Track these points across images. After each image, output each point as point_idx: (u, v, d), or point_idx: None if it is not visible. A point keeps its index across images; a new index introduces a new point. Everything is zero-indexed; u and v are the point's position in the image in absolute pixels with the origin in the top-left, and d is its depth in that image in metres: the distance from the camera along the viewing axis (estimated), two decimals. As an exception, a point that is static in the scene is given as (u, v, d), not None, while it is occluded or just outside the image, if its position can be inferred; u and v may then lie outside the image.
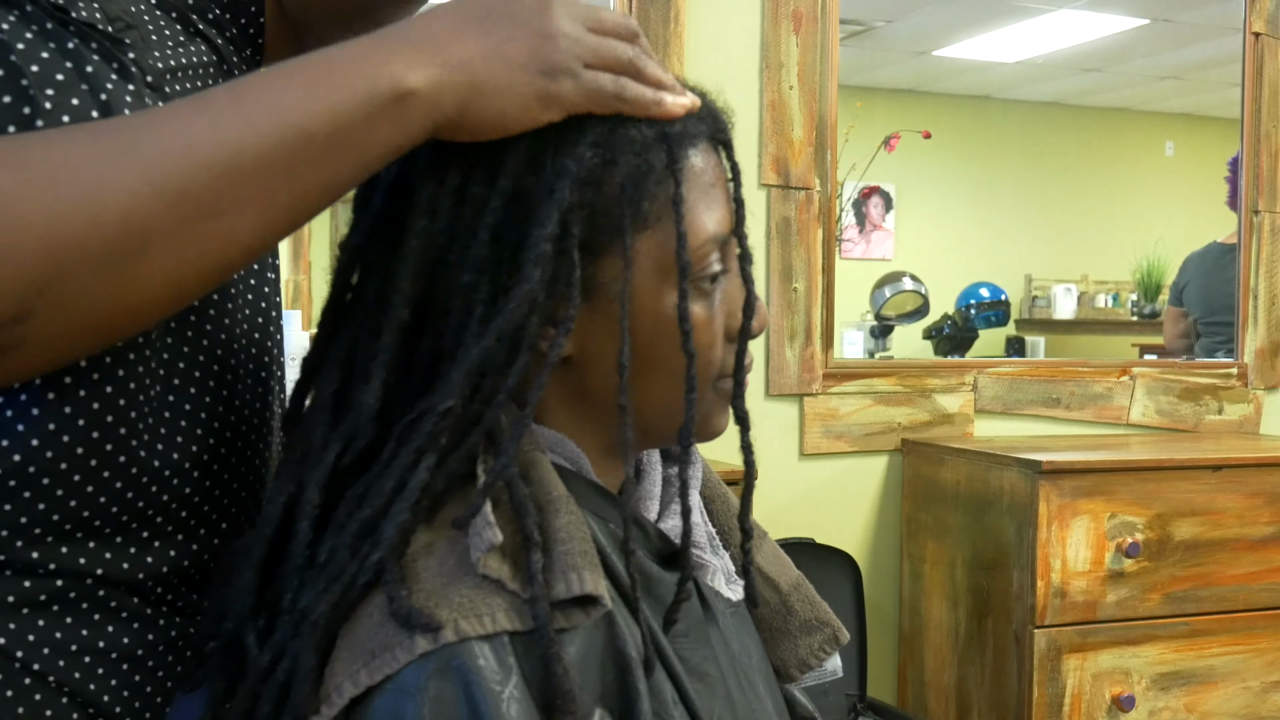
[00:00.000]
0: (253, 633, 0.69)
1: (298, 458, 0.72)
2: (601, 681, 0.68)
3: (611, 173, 0.70)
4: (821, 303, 2.21)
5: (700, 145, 0.75)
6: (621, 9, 2.08)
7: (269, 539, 0.70)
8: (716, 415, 0.79)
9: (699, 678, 0.75)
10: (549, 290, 0.69)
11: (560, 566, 0.67)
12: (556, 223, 0.68)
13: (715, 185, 0.76)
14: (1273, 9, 2.54)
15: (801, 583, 0.90)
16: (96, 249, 0.57)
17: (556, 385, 0.75)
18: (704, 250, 0.74)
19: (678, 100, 0.72)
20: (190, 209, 0.59)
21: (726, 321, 0.77)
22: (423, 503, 0.68)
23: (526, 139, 0.69)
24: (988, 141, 4.11)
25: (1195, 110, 4.39)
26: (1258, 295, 2.57)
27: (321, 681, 0.65)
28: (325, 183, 0.64)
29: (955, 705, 2.12)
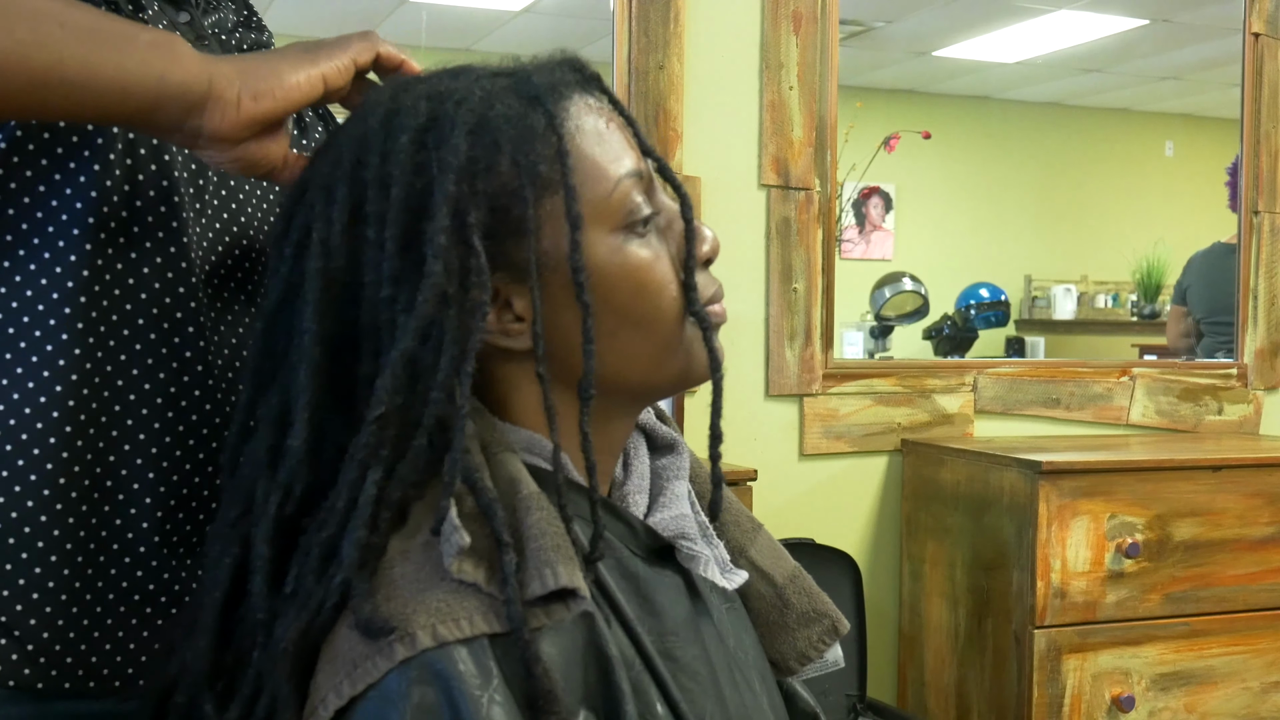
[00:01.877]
0: (209, 700, 0.69)
1: (234, 519, 0.72)
2: (584, 682, 0.68)
3: (497, 154, 0.71)
4: (821, 303, 2.21)
5: (573, 95, 0.75)
6: (622, 9, 2.08)
7: (220, 603, 0.70)
8: (696, 353, 0.77)
9: (689, 676, 0.74)
10: (462, 281, 0.69)
11: (534, 563, 0.67)
12: (447, 214, 0.68)
13: (608, 126, 0.76)
14: (1273, 9, 2.54)
15: (798, 574, 0.89)
16: None
17: (527, 379, 0.75)
18: (622, 190, 0.74)
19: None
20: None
21: (678, 252, 0.77)
22: (381, 515, 0.68)
23: (407, 149, 0.70)
24: (988, 142, 4.11)
25: (1195, 110, 4.39)
26: (1257, 295, 2.57)
27: (303, 705, 0.66)
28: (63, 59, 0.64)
29: (955, 705, 2.12)
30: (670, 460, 0.84)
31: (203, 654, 0.70)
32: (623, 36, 2.07)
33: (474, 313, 0.69)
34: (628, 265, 0.74)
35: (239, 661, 0.69)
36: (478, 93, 0.72)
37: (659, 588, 0.76)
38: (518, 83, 0.74)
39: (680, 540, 0.78)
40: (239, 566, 0.70)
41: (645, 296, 0.74)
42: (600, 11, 2.16)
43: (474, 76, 0.74)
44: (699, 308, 0.76)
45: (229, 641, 0.70)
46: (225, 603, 0.70)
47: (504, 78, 0.74)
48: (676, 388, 0.79)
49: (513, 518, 0.69)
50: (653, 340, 0.75)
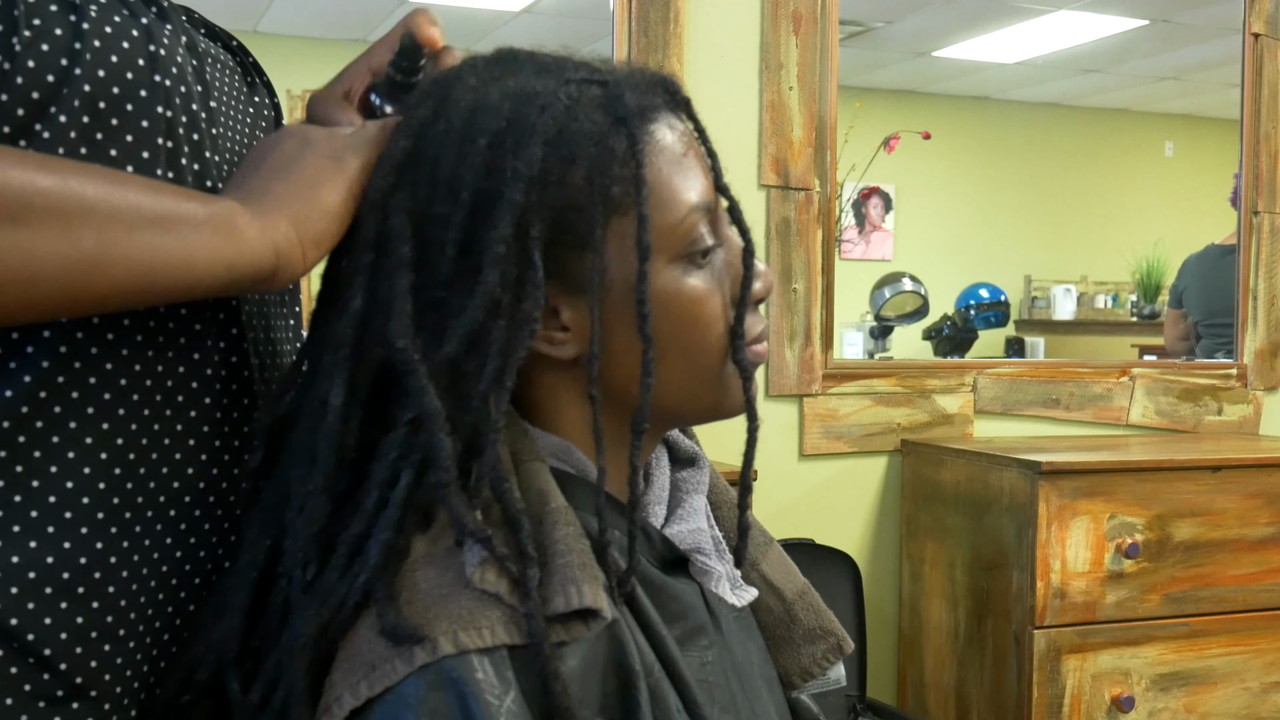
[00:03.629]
0: (235, 677, 0.69)
1: (274, 503, 0.71)
2: (602, 693, 0.68)
3: (572, 168, 0.70)
4: (821, 303, 2.21)
5: (660, 118, 0.74)
6: (622, 9, 2.08)
7: (254, 583, 0.70)
8: (732, 391, 0.77)
9: (702, 685, 0.74)
10: (516, 292, 0.69)
11: (559, 579, 0.66)
12: (510, 223, 0.68)
13: (687, 154, 0.75)
14: (1272, 9, 2.54)
15: (807, 591, 0.90)
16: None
17: (569, 388, 0.75)
18: (690, 222, 0.73)
19: None
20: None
21: (733, 288, 0.76)
22: (408, 519, 0.68)
23: (483, 152, 0.69)
24: (988, 142, 4.12)
25: (1195, 110, 4.39)
26: (1257, 296, 2.57)
27: (318, 700, 0.65)
28: (137, 259, 0.62)
29: (955, 706, 2.12)
30: (690, 474, 0.84)
31: (233, 633, 0.69)
32: (623, 36, 2.07)
33: (523, 325, 0.69)
34: (682, 296, 0.73)
35: (263, 645, 0.69)
36: (564, 100, 0.70)
37: (678, 593, 0.76)
38: (608, 98, 0.72)
39: (695, 554, 0.79)
40: (274, 551, 0.70)
41: (694, 329, 0.74)
42: (600, 11, 2.16)
43: (564, 78, 0.72)
44: (743, 356, 0.75)
45: (257, 623, 0.70)
46: (258, 584, 0.70)
47: (595, 86, 0.72)
48: (705, 419, 0.79)
49: (539, 530, 0.68)
50: (692, 372, 0.74)
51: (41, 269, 0.59)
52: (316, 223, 0.69)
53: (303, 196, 0.70)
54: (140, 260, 0.62)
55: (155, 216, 0.63)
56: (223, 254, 0.65)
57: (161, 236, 0.63)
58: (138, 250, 0.62)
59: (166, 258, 0.63)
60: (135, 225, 0.62)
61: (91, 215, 0.61)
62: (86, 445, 0.69)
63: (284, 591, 0.69)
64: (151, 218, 0.63)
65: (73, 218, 0.60)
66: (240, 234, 0.66)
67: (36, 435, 0.67)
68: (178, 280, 0.64)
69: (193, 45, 0.77)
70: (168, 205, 0.64)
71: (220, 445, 0.76)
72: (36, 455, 0.67)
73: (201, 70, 0.77)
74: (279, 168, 0.71)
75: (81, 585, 0.68)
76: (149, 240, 0.62)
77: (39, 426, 0.67)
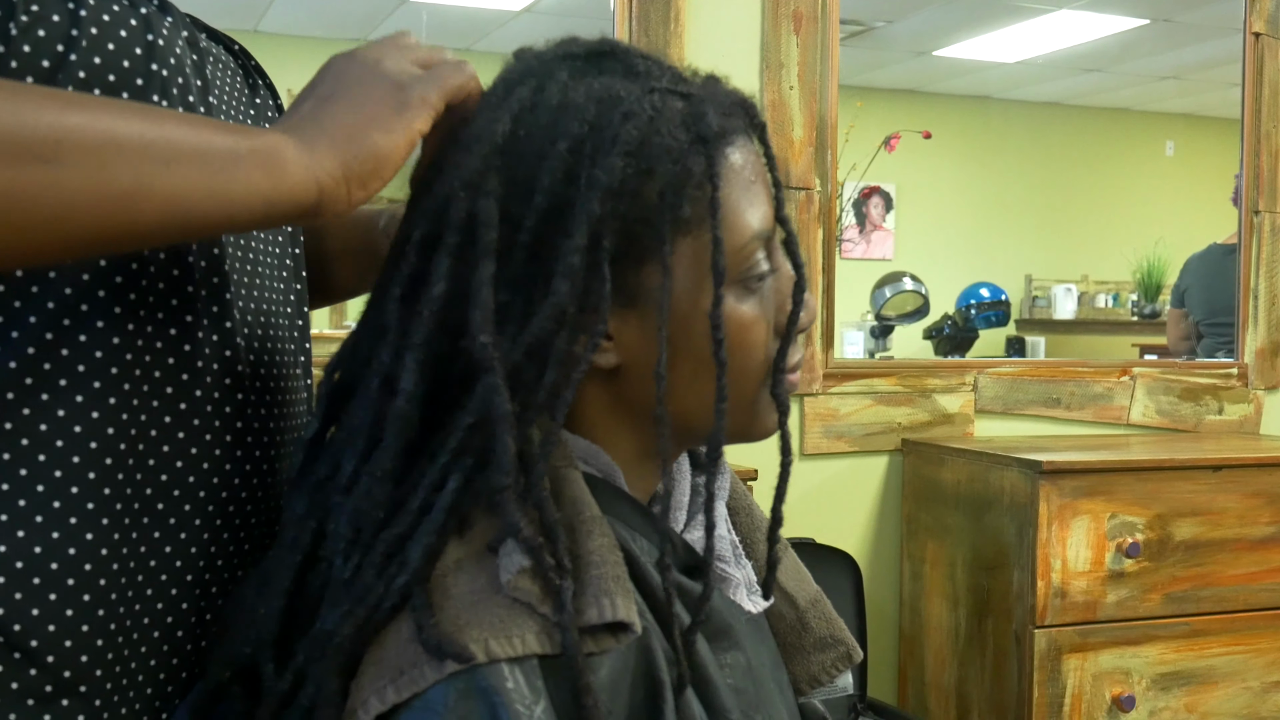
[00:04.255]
0: (269, 660, 0.68)
1: (321, 479, 0.71)
2: (630, 704, 0.68)
3: (648, 182, 0.69)
4: (822, 303, 2.21)
5: (737, 141, 0.74)
6: (622, 9, 2.08)
7: (298, 565, 0.69)
8: (768, 413, 0.77)
9: (728, 689, 0.74)
10: (580, 303, 0.68)
11: (593, 591, 0.66)
12: (585, 234, 0.67)
13: (756, 180, 0.75)
14: (1273, 9, 2.54)
15: (820, 599, 0.90)
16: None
17: (600, 394, 0.74)
18: (750, 249, 0.73)
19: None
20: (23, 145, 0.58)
21: (777, 315, 0.76)
22: (450, 524, 0.67)
23: (563, 156, 0.68)
24: (988, 141, 4.12)
25: (1195, 110, 4.40)
26: (1258, 295, 2.57)
27: (345, 701, 0.65)
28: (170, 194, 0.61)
29: (955, 705, 2.12)
30: (711, 481, 0.84)
31: (273, 614, 0.69)
32: (623, 36, 2.07)
33: (587, 339, 0.69)
34: (732, 320, 0.73)
35: (296, 629, 0.68)
36: (648, 110, 0.70)
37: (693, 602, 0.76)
38: (691, 113, 0.71)
39: (715, 561, 0.78)
40: (319, 531, 0.69)
41: (738, 354, 0.73)
42: (600, 11, 2.16)
43: (649, 85, 0.71)
44: (782, 389, 0.75)
45: (297, 604, 0.69)
46: (302, 565, 0.69)
47: (679, 99, 0.72)
48: (733, 441, 0.79)
49: (573, 540, 0.68)
50: (729, 395, 0.74)
51: (75, 207, 0.59)
52: (365, 164, 0.67)
53: (355, 134, 0.68)
54: (176, 195, 0.61)
55: (192, 151, 0.62)
56: (261, 188, 0.64)
57: (198, 171, 0.62)
58: (173, 185, 0.61)
59: (205, 193, 0.62)
60: (171, 160, 0.61)
61: (125, 151, 0.60)
62: (75, 433, 0.68)
63: (323, 575, 0.68)
64: (189, 152, 0.62)
65: (106, 154, 0.59)
66: (283, 169, 0.64)
67: (24, 421, 0.67)
68: (214, 215, 0.63)
69: (193, 41, 0.77)
70: (206, 139, 0.63)
71: (212, 440, 0.75)
72: (24, 442, 0.67)
73: (202, 65, 0.77)
74: (339, 95, 0.69)
75: (71, 577, 0.68)
76: (185, 175, 0.61)
77: (25, 414, 0.67)
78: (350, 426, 0.71)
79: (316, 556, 0.69)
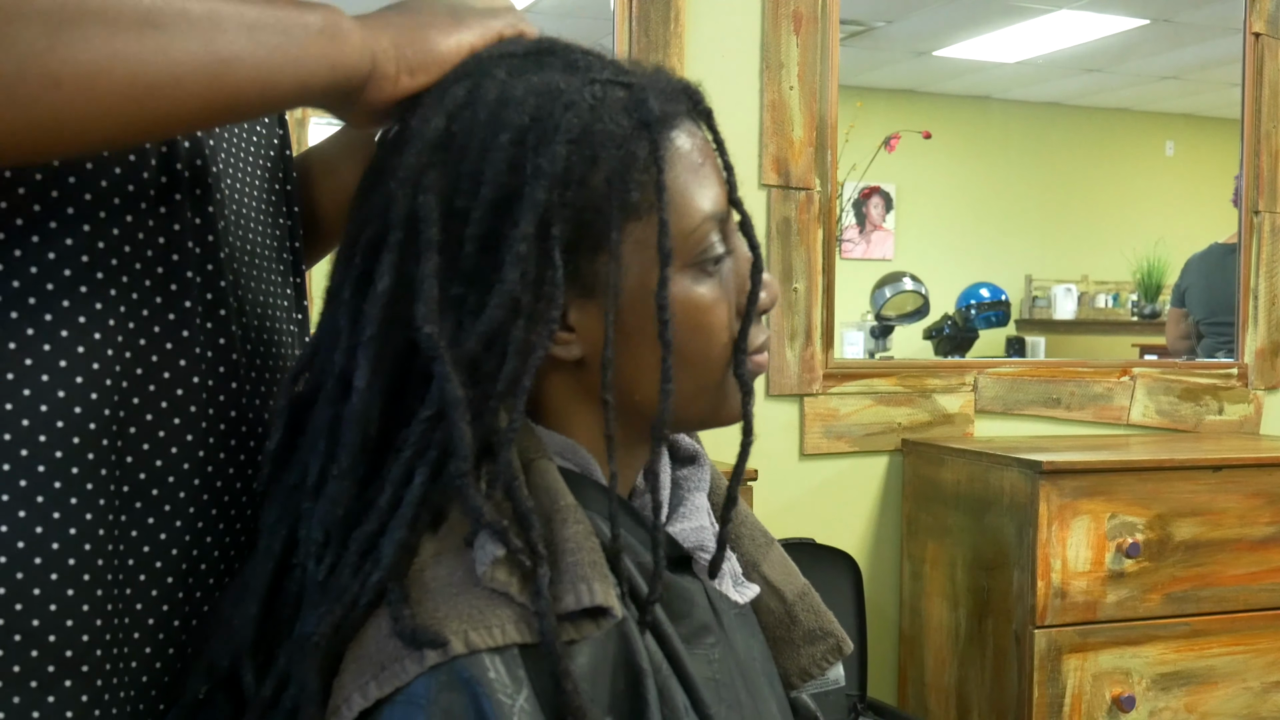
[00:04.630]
0: (250, 669, 0.68)
1: (293, 484, 0.71)
2: (611, 691, 0.68)
3: (594, 170, 0.70)
4: (822, 303, 2.21)
5: (682, 124, 0.74)
6: (622, 9, 2.08)
7: (272, 573, 0.70)
8: (735, 396, 0.77)
9: (708, 683, 0.74)
10: (534, 292, 0.68)
11: (570, 577, 0.66)
12: (533, 222, 0.67)
13: (704, 163, 0.75)
14: (1273, 9, 2.54)
15: (807, 591, 0.89)
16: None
17: (569, 387, 0.74)
18: (703, 230, 0.73)
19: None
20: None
21: (738, 298, 0.76)
22: (421, 518, 0.67)
23: (506, 148, 0.68)
24: (988, 141, 4.12)
25: (1195, 110, 4.40)
26: (1258, 295, 2.57)
27: (328, 700, 0.65)
28: (256, 65, 0.66)
29: (955, 705, 2.12)
30: (691, 471, 0.84)
31: (250, 621, 0.69)
32: (623, 36, 2.07)
33: (542, 327, 0.69)
34: (690, 304, 0.73)
35: (276, 636, 0.69)
36: (589, 99, 0.70)
37: (684, 592, 0.76)
38: (634, 101, 0.72)
39: (699, 552, 0.79)
40: (290, 538, 0.70)
41: (699, 337, 0.74)
42: (600, 11, 2.16)
43: (589, 77, 0.72)
44: (744, 370, 0.75)
45: (273, 611, 0.69)
46: (276, 572, 0.70)
47: (620, 88, 0.72)
48: (700, 427, 0.79)
49: (548, 528, 0.68)
50: (693, 379, 0.74)
51: (182, 71, 0.63)
52: (418, 53, 0.72)
53: (412, 28, 0.73)
54: (263, 60, 0.66)
55: (274, 21, 0.67)
56: (328, 53, 0.69)
57: (280, 38, 0.67)
58: (262, 50, 0.66)
59: (284, 57, 0.67)
60: (256, 28, 0.66)
61: (222, 21, 0.65)
62: (75, 415, 0.69)
63: (298, 581, 0.69)
64: (271, 22, 0.67)
65: (207, 23, 0.64)
66: (345, 37, 0.69)
67: (24, 403, 0.67)
68: (292, 79, 0.68)
69: None
70: (283, 12, 0.68)
71: (207, 426, 0.76)
72: (25, 423, 0.67)
73: None
74: (403, 7, 0.75)
75: (72, 557, 0.68)
76: (269, 40, 0.67)
77: (26, 395, 0.67)
78: (313, 431, 0.71)
79: (291, 563, 0.70)
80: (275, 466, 0.73)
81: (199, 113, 0.66)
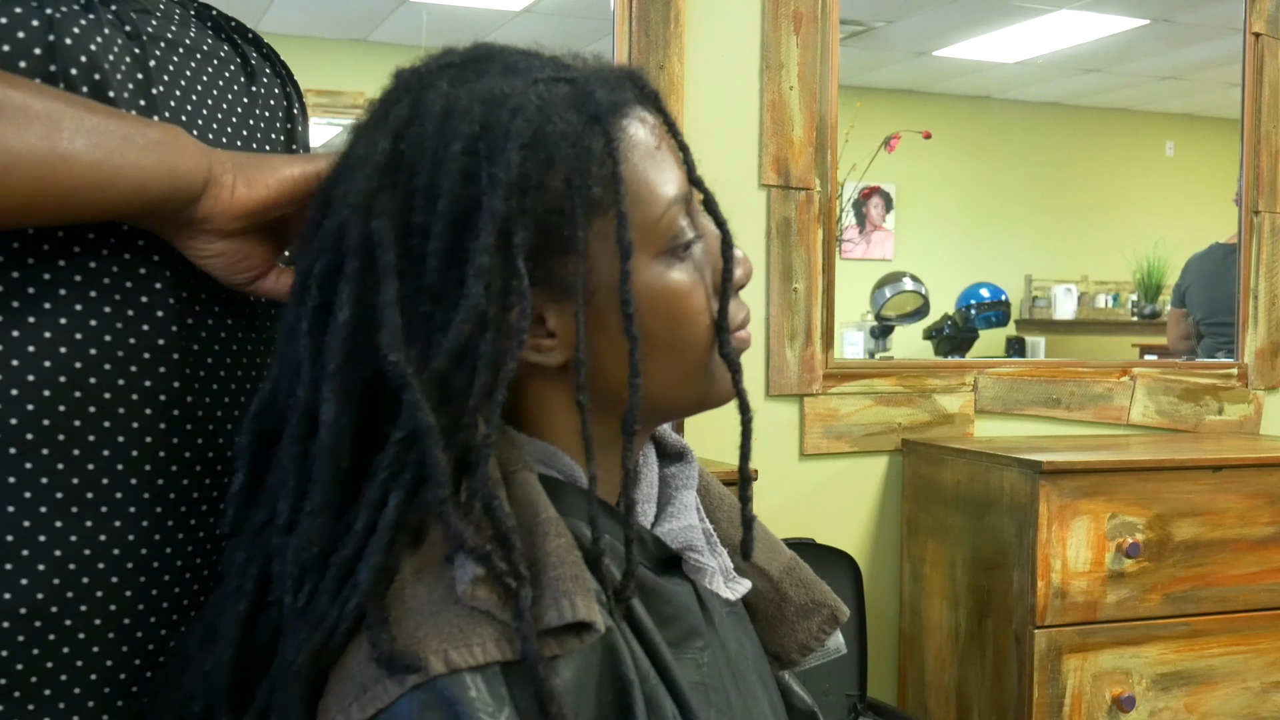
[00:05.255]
0: (226, 712, 0.68)
1: (259, 525, 0.70)
2: (598, 703, 0.68)
3: (550, 171, 0.69)
4: (822, 303, 2.21)
5: (631, 112, 0.73)
6: (622, 9, 2.08)
7: (245, 615, 0.69)
8: (723, 376, 0.77)
9: (697, 688, 0.74)
10: (501, 302, 0.68)
11: (552, 593, 0.66)
12: (492, 233, 0.66)
13: (660, 146, 0.74)
14: (1273, 9, 2.54)
15: (794, 566, 0.89)
16: None
17: (551, 393, 0.74)
18: (669, 216, 0.73)
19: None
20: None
21: (713, 278, 0.76)
22: (398, 541, 0.67)
23: (458, 158, 0.68)
24: (988, 142, 4.11)
25: (1195, 110, 4.39)
26: (1258, 295, 2.57)
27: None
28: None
29: (955, 705, 2.12)
30: (679, 469, 0.84)
31: (224, 666, 0.69)
32: (623, 36, 2.07)
33: (511, 337, 0.68)
34: (666, 291, 0.73)
35: (252, 673, 0.68)
36: (534, 101, 0.69)
37: (671, 596, 0.76)
38: (578, 95, 0.71)
39: (688, 552, 0.78)
40: (262, 577, 0.69)
41: (680, 323, 0.74)
42: (600, 11, 2.16)
43: (531, 78, 0.71)
44: (729, 349, 0.75)
45: (248, 651, 0.69)
46: (249, 612, 0.69)
47: (564, 84, 0.71)
48: (695, 410, 0.79)
49: (530, 543, 0.68)
50: (680, 365, 0.74)
51: (12, 160, 0.64)
52: (258, 169, 0.73)
53: (254, 155, 0.75)
54: (100, 160, 0.67)
55: (115, 127, 0.69)
56: (167, 158, 0.70)
57: (119, 142, 0.68)
58: (99, 152, 0.67)
59: (122, 160, 0.68)
60: (96, 131, 0.68)
61: (59, 119, 0.66)
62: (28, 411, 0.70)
63: (274, 619, 0.68)
64: (113, 128, 0.68)
65: (43, 118, 0.66)
66: (183, 147, 0.71)
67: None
68: (130, 181, 0.69)
69: (137, 34, 0.78)
70: (124, 122, 0.70)
71: (166, 430, 0.76)
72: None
73: (144, 59, 0.78)
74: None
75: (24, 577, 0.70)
76: (107, 143, 0.68)
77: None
78: (281, 468, 0.70)
79: (264, 602, 0.69)
80: (240, 509, 0.73)
81: (26, 204, 0.66)
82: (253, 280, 0.75)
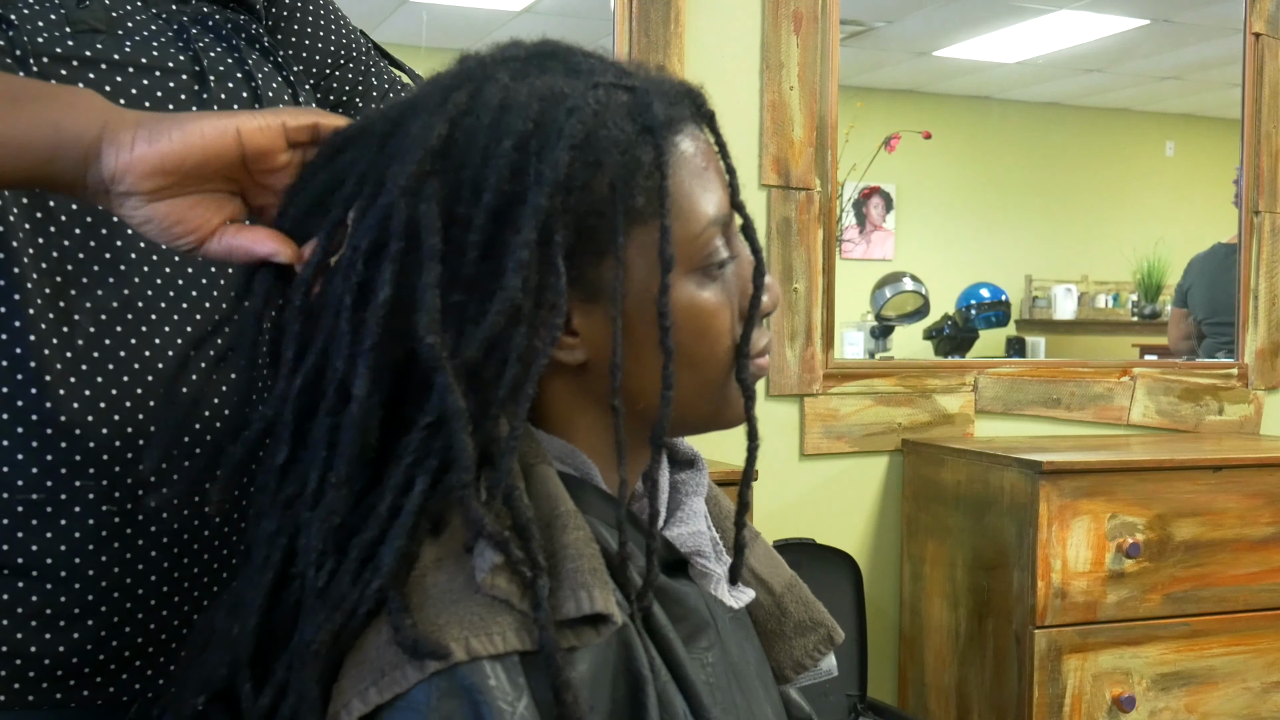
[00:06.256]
0: (247, 680, 0.68)
1: (289, 497, 0.70)
2: (612, 698, 0.68)
3: (597, 175, 0.69)
4: (822, 303, 2.21)
5: (685, 129, 0.74)
6: (622, 9, 2.08)
7: (271, 585, 0.69)
8: (737, 399, 0.77)
9: (705, 687, 0.74)
10: (536, 298, 0.68)
11: (570, 584, 0.66)
12: (534, 229, 0.67)
13: (707, 167, 0.75)
14: (1273, 9, 2.54)
15: (795, 583, 0.89)
16: None
17: (571, 391, 0.74)
18: (707, 235, 0.73)
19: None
20: None
21: (740, 301, 0.76)
22: (421, 525, 0.67)
23: (508, 154, 0.68)
24: (988, 142, 4.11)
25: (1195, 110, 4.39)
26: (1258, 296, 2.57)
27: (327, 707, 0.65)
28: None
29: (955, 706, 2.12)
30: (689, 475, 0.84)
31: (249, 632, 0.69)
32: (623, 36, 2.07)
33: (544, 333, 0.68)
34: (694, 308, 0.73)
35: (274, 646, 0.68)
36: (592, 104, 0.70)
37: (681, 596, 0.76)
38: (636, 105, 0.71)
39: (695, 557, 0.79)
40: (289, 549, 0.69)
41: (703, 342, 0.74)
42: (600, 11, 2.16)
43: (593, 81, 0.71)
44: (747, 374, 0.75)
45: (271, 622, 0.69)
46: (275, 583, 0.69)
47: (623, 92, 0.72)
48: (702, 429, 0.79)
49: (548, 535, 0.68)
50: (696, 382, 0.74)
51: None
52: (164, 125, 0.68)
53: (170, 114, 0.70)
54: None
55: (4, 90, 0.67)
56: (50, 114, 0.67)
57: (7, 104, 0.66)
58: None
59: (5, 123, 0.66)
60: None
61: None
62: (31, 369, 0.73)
63: (297, 592, 0.68)
64: (2, 90, 0.67)
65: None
66: (76, 104, 0.68)
67: None
68: (14, 143, 0.66)
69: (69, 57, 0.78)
70: (19, 84, 0.68)
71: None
72: None
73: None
74: None
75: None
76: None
77: None
78: (313, 441, 0.70)
79: (290, 574, 0.69)
80: (279, 479, 0.72)
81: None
82: (197, 244, 0.71)
